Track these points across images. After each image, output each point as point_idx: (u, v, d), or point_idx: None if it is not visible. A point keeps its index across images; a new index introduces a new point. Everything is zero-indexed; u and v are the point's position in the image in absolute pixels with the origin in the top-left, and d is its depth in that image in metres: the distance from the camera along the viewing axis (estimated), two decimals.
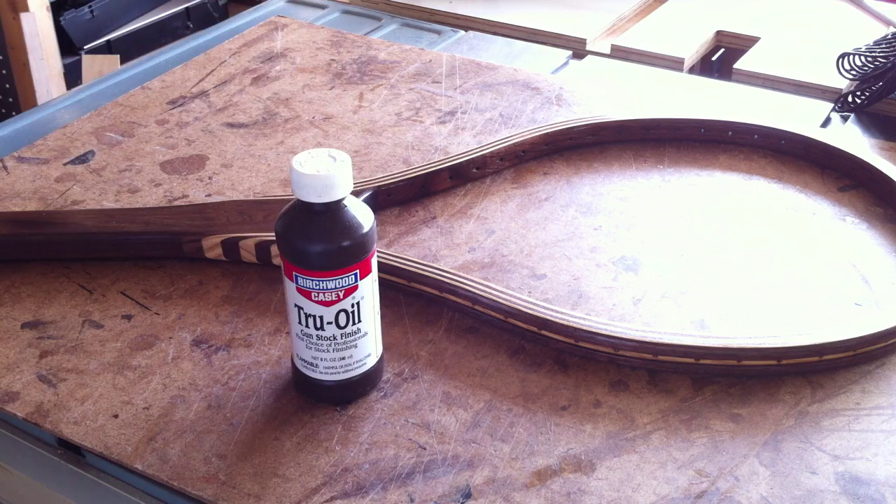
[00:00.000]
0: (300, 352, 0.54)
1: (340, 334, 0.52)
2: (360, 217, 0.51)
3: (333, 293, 0.51)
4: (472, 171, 0.76)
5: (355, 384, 0.55)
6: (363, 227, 0.50)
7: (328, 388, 0.54)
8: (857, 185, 0.76)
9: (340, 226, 0.50)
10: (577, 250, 0.69)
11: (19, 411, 0.56)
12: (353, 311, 0.52)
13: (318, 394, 0.55)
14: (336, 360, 0.53)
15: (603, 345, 0.58)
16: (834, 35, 1.01)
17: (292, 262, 0.51)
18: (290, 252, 0.51)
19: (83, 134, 0.83)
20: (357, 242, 0.50)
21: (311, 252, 0.50)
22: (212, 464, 0.52)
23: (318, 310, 0.51)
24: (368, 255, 0.51)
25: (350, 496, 0.50)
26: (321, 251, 0.50)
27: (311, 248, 0.50)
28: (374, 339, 0.54)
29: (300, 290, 0.51)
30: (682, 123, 0.81)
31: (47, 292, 0.65)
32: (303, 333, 0.53)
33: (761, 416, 0.55)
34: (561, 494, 0.50)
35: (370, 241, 0.51)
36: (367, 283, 0.52)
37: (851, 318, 0.62)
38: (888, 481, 0.51)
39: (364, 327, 0.53)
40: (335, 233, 0.50)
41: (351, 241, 0.50)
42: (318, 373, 0.54)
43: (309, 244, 0.50)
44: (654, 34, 1.02)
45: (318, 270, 0.50)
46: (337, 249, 0.50)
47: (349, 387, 0.55)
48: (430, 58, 0.96)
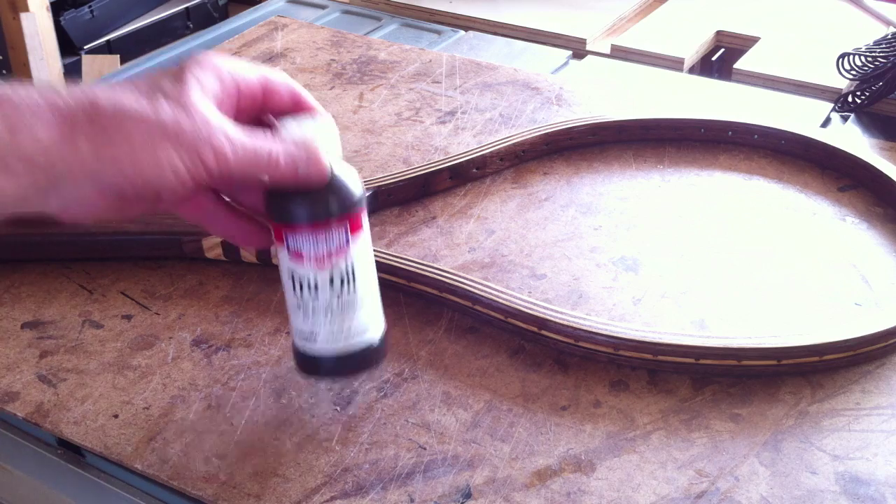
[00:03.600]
0: (298, 325, 0.52)
1: (337, 300, 0.51)
2: (346, 174, 0.50)
3: (325, 252, 0.50)
4: (472, 171, 0.76)
5: (357, 358, 0.53)
6: (349, 182, 0.50)
7: (329, 361, 0.52)
8: (857, 185, 0.76)
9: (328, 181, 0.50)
10: (577, 250, 0.69)
11: (19, 411, 0.56)
12: (349, 273, 0.51)
13: (320, 369, 0.53)
14: (335, 328, 0.51)
15: (603, 345, 0.58)
16: (834, 35, 1.01)
17: (280, 218, 0.50)
18: (277, 208, 0.50)
19: None
20: (343, 195, 0.50)
21: (299, 205, 0.49)
22: (212, 464, 0.52)
23: (311, 272, 0.50)
24: (357, 211, 0.51)
25: (350, 496, 0.50)
26: (308, 202, 0.49)
27: (298, 201, 0.49)
28: (374, 311, 0.53)
29: (292, 252, 0.50)
30: (682, 123, 0.81)
31: (47, 292, 0.65)
32: (299, 303, 0.51)
33: (761, 416, 0.55)
34: (561, 494, 0.50)
35: (357, 196, 0.51)
36: (359, 245, 0.51)
37: (851, 318, 0.62)
38: (888, 481, 0.51)
39: (361, 294, 0.52)
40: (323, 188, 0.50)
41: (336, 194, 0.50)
42: (318, 345, 0.52)
43: (296, 198, 0.50)
44: (654, 34, 1.02)
45: (307, 223, 0.50)
46: (323, 201, 0.49)
47: (351, 359, 0.52)
48: (430, 58, 0.96)
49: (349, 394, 0.57)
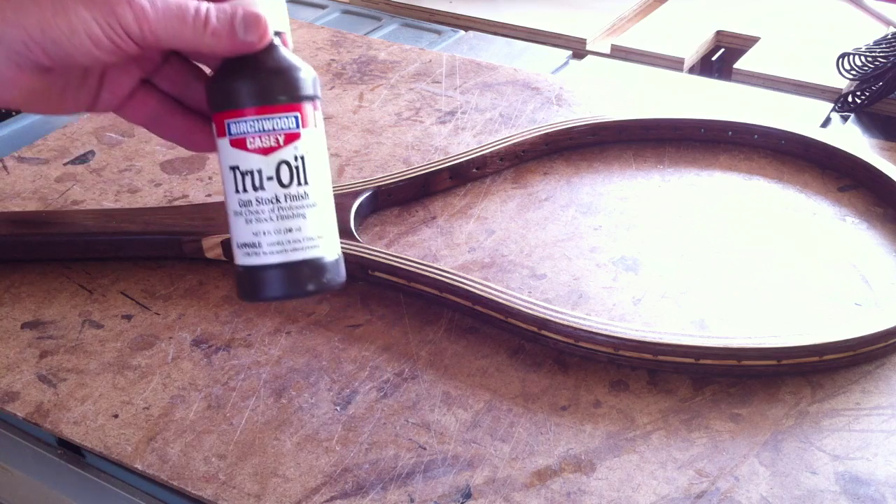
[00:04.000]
0: (240, 236, 0.47)
1: (284, 195, 0.46)
2: (297, 60, 0.46)
3: (271, 137, 0.45)
4: (472, 171, 0.76)
5: (306, 270, 0.46)
6: (300, 68, 0.46)
7: (275, 272, 0.46)
8: (857, 185, 0.76)
9: (273, 60, 0.46)
10: (577, 250, 0.69)
11: (19, 411, 0.56)
12: (298, 166, 0.46)
13: (266, 285, 0.46)
14: (282, 231, 0.46)
15: (603, 345, 0.58)
16: (834, 35, 1.01)
17: (222, 106, 0.45)
18: (219, 93, 0.46)
19: (83, 134, 0.83)
20: (291, 76, 0.45)
21: (241, 85, 0.45)
22: (212, 464, 0.52)
23: (255, 162, 0.45)
24: (309, 103, 0.46)
25: (350, 496, 0.50)
26: (252, 81, 0.45)
27: (240, 80, 0.45)
28: (327, 220, 0.47)
29: (234, 141, 0.45)
30: (682, 123, 0.81)
31: (47, 292, 0.65)
32: (241, 204, 0.46)
33: (761, 416, 0.55)
34: (561, 494, 0.50)
35: (309, 85, 0.46)
36: (311, 137, 0.46)
37: (851, 318, 0.62)
38: (888, 481, 0.51)
39: (313, 195, 0.46)
40: (267, 65, 0.45)
41: (284, 74, 0.45)
42: (262, 254, 0.46)
43: (238, 77, 0.45)
44: (654, 34, 1.02)
45: (251, 107, 0.45)
46: (270, 78, 0.45)
47: (299, 270, 0.46)
48: (430, 58, 0.96)
49: (349, 394, 0.57)
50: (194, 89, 0.49)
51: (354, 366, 0.59)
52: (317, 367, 0.59)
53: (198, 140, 0.50)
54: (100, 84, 0.47)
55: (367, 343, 0.61)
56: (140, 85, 0.49)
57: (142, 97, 0.48)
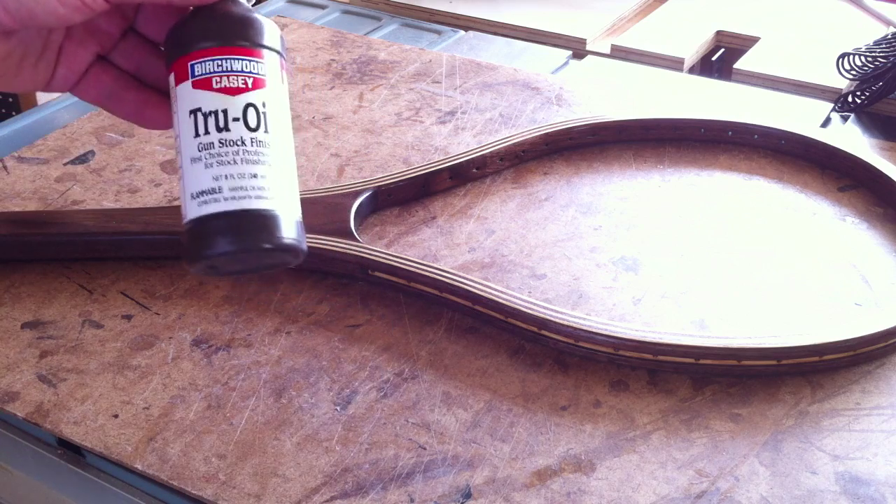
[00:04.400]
0: (197, 183, 0.43)
1: (250, 139, 0.43)
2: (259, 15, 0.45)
3: (240, 77, 0.43)
4: (472, 171, 0.76)
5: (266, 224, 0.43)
6: (263, 20, 0.45)
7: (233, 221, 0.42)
8: (857, 185, 0.76)
9: (240, 10, 0.45)
10: (577, 250, 0.69)
11: (19, 411, 0.56)
12: (265, 112, 0.44)
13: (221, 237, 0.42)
14: (245, 176, 0.42)
15: (603, 345, 0.58)
16: (834, 35, 1.01)
17: (187, 47, 0.43)
18: (184, 36, 0.44)
19: (83, 134, 0.84)
20: (259, 24, 0.44)
21: (209, 24, 0.43)
22: (212, 464, 0.52)
23: (221, 102, 0.43)
24: (276, 54, 0.45)
25: (350, 496, 0.50)
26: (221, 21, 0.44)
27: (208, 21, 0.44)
28: (291, 183, 0.45)
29: (197, 82, 0.43)
30: (682, 123, 0.81)
31: (47, 292, 0.65)
32: (201, 148, 0.43)
33: (761, 416, 0.55)
34: (561, 494, 0.50)
35: (275, 37, 0.45)
36: (277, 89, 0.44)
37: (851, 318, 0.62)
38: (888, 481, 0.51)
39: (277, 147, 0.44)
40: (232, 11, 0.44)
41: (252, 21, 0.44)
42: (222, 199, 0.42)
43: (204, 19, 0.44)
44: (654, 34, 1.02)
45: (218, 46, 0.43)
46: (239, 21, 0.44)
47: (259, 221, 0.43)
48: (430, 58, 0.96)
49: (349, 394, 0.57)
50: (151, 65, 0.49)
51: (354, 366, 0.59)
52: (317, 367, 0.59)
53: (152, 116, 0.49)
54: (57, 59, 0.47)
55: (367, 343, 0.61)
56: (96, 62, 0.49)
57: (97, 74, 0.48)
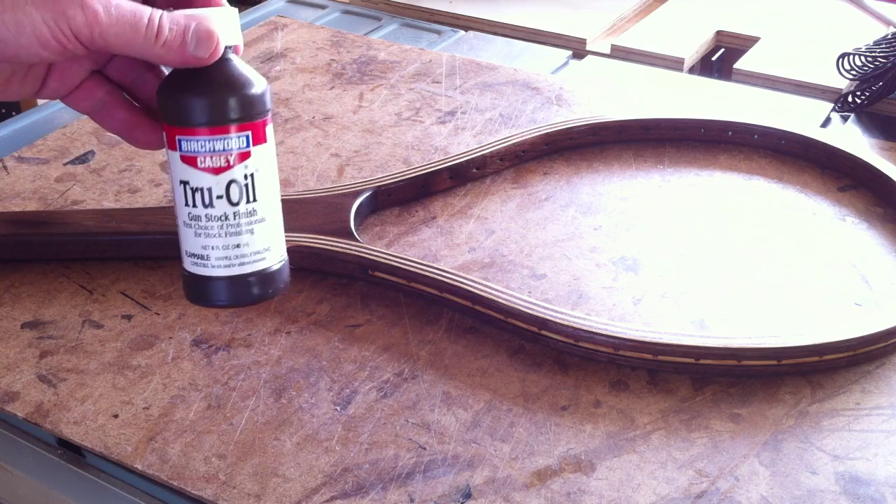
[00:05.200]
0: (189, 245, 0.48)
1: (233, 213, 0.46)
2: (249, 74, 0.46)
3: (222, 157, 0.46)
4: (472, 171, 0.76)
5: (252, 282, 0.48)
6: (252, 84, 0.46)
7: (222, 287, 0.48)
8: (857, 185, 0.76)
9: (225, 77, 0.46)
10: (577, 250, 0.69)
11: (19, 411, 0.56)
12: (247, 184, 0.46)
13: (212, 295, 0.48)
14: (230, 247, 0.47)
15: (603, 345, 0.58)
16: (834, 35, 1.01)
17: (173, 121, 0.46)
18: (171, 107, 0.46)
19: (83, 134, 0.84)
20: (244, 95, 0.46)
21: (193, 103, 0.45)
22: (212, 464, 0.52)
23: (205, 180, 0.46)
24: (261, 120, 0.47)
25: (350, 496, 0.50)
26: (204, 99, 0.45)
27: (192, 98, 0.45)
28: (274, 230, 0.49)
29: (184, 157, 0.46)
30: (682, 123, 0.81)
31: (47, 292, 0.65)
32: (190, 217, 0.47)
33: (761, 416, 0.55)
34: (561, 494, 0.50)
35: (261, 102, 0.46)
36: (261, 153, 0.47)
37: (851, 318, 0.62)
38: (888, 481, 0.51)
39: (261, 210, 0.47)
40: (219, 83, 0.46)
41: (237, 93, 0.46)
42: (210, 266, 0.47)
43: (190, 94, 0.45)
44: (654, 34, 1.02)
45: (203, 126, 0.45)
46: (221, 99, 0.45)
47: (245, 284, 0.48)
48: (430, 58, 0.96)
49: (349, 394, 0.57)
50: (145, 81, 0.49)
51: (354, 366, 0.59)
52: (317, 367, 0.59)
53: (141, 137, 0.49)
54: (47, 74, 0.47)
55: (367, 343, 0.61)
56: (90, 74, 0.48)
57: (90, 87, 0.48)
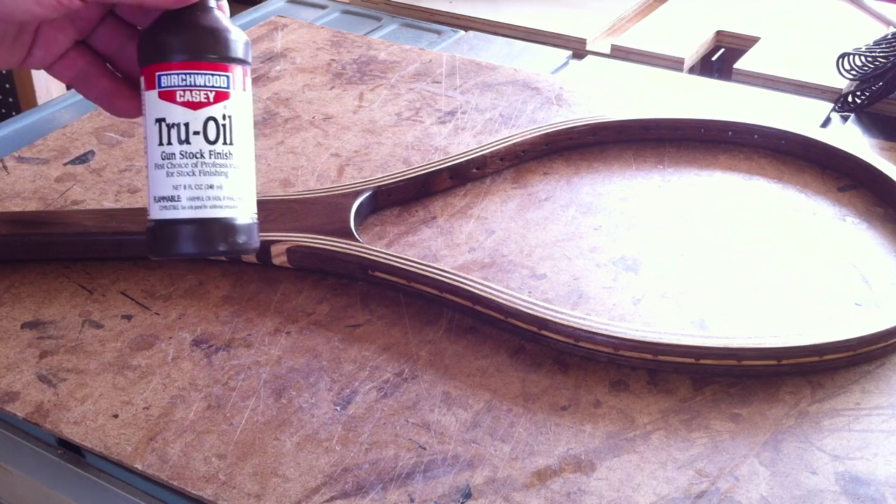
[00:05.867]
0: (158, 189, 0.47)
1: (209, 151, 0.47)
2: (230, 25, 0.48)
3: (202, 92, 0.46)
4: (472, 171, 0.76)
5: (221, 229, 0.47)
6: (233, 31, 0.47)
7: (190, 229, 0.47)
8: (857, 185, 0.76)
9: (207, 21, 0.47)
10: (577, 250, 0.69)
11: (19, 411, 0.56)
12: (225, 125, 0.47)
13: (179, 240, 0.47)
14: (202, 187, 0.47)
15: (603, 345, 0.58)
16: (834, 35, 1.01)
17: (153, 57, 0.46)
18: (151, 45, 0.47)
19: (83, 134, 0.84)
20: (225, 37, 0.47)
21: (175, 38, 0.46)
22: (212, 464, 0.52)
23: (183, 115, 0.46)
24: (241, 67, 0.48)
25: (350, 496, 0.50)
26: (186, 35, 0.46)
27: (174, 34, 0.46)
28: (247, 183, 0.49)
29: (163, 93, 0.46)
30: (682, 123, 0.81)
31: (47, 292, 0.65)
32: (164, 156, 0.47)
33: (761, 416, 0.55)
34: (561, 494, 0.50)
35: (242, 49, 0.48)
36: (240, 100, 0.48)
37: (851, 318, 0.62)
38: (888, 481, 0.51)
39: (236, 155, 0.47)
40: (201, 24, 0.47)
41: (218, 34, 0.47)
42: (180, 208, 0.47)
43: (173, 32, 0.46)
44: (654, 34, 1.02)
45: (184, 60, 0.46)
46: (203, 35, 0.46)
47: (213, 228, 0.47)
48: (430, 58, 0.96)
49: (349, 394, 0.57)
50: (127, 51, 0.50)
51: (354, 366, 0.59)
52: (317, 367, 0.59)
53: (121, 105, 0.51)
54: (33, 41, 0.48)
55: (367, 343, 0.61)
56: (74, 44, 0.50)
57: (73, 56, 0.50)
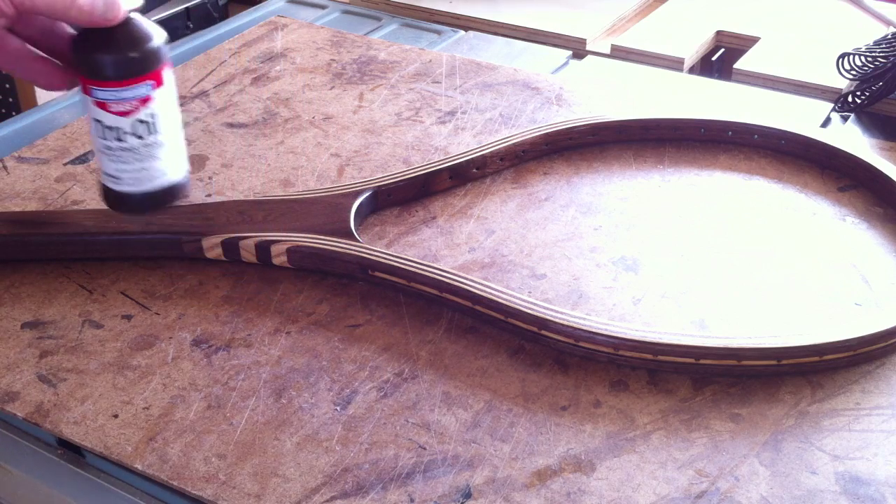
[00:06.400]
0: (106, 168, 0.58)
1: (140, 145, 0.56)
2: (149, 29, 0.55)
3: (129, 103, 0.55)
4: (472, 171, 0.76)
5: (159, 195, 0.59)
6: (151, 38, 0.54)
7: (133, 200, 0.59)
8: (857, 185, 0.76)
9: (129, 36, 0.54)
10: (577, 250, 0.69)
11: (19, 411, 0.56)
12: (151, 122, 0.56)
13: (125, 206, 0.59)
14: (139, 170, 0.57)
15: (603, 345, 0.58)
16: (834, 35, 1.01)
17: (87, 74, 0.54)
18: (84, 62, 0.54)
19: (83, 134, 0.83)
20: (145, 50, 0.54)
21: (103, 60, 0.54)
22: (212, 464, 0.52)
23: (115, 121, 0.55)
24: (160, 67, 0.55)
25: (350, 496, 0.50)
26: (113, 56, 0.54)
27: (102, 56, 0.53)
28: (175, 152, 0.58)
29: (97, 103, 0.55)
30: (682, 123, 0.81)
31: (47, 292, 0.65)
32: (106, 148, 0.56)
33: (761, 416, 0.55)
34: (561, 494, 0.50)
35: (160, 53, 0.55)
36: (162, 94, 0.56)
37: (851, 318, 0.62)
38: (888, 481, 0.51)
39: (163, 140, 0.57)
40: (124, 41, 0.54)
41: (139, 50, 0.54)
42: (124, 185, 0.58)
43: (100, 53, 0.53)
44: (654, 34, 1.02)
45: (112, 80, 0.54)
46: (126, 57, 0.54)
47: (153, 197, 0.59)
48: (430, 58, 0.96)
49: (349, 394, 0.57)
50: (54, 36, 0.55)
51: (354, 366, 0.59)
52: (317, 367, 0.59)
53: (55, 83, 0.56)
54: None
55: (367, 343, 0.61)
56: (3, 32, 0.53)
57: (3, 44, 0.54)
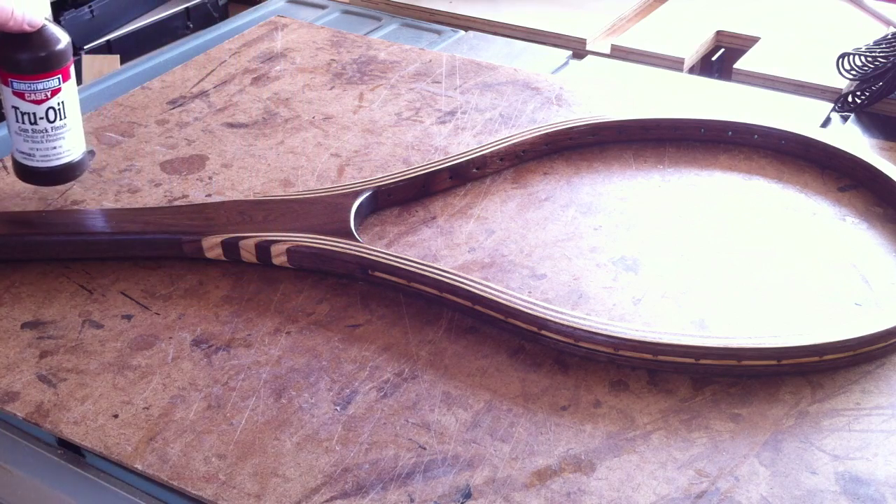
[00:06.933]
0: (19, 146, 0.69)
1: (51, 128, 0.68)
2: (58, 34, 0.66)
3: (42, 93, 0.66)
4: (472, 171, 0.76)
5: (65, 170, 0.70)
6: (60, 41, 0.66)
7: (43, 174, 0.70)
8: (857, 185, 0.76)
9: (43, 39, 0.65)
10: (577, 250, 0.69)
11: (19, 411, 0.56)
12: (59, 109, 0.68)
13: (35, 179, 0.71)
14: (49, 149, 0.69)
15: (603, 345, 0.58)
16: (834, 35, 1.01)
17: (5, 67, 0.66)
18: (4, 59, 0.65)
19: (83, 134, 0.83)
20: (56, 52, 0.66)
21: (20, 58, 0.65)
22: (212, 464, 0.52)
23: (30, 108, 0.67)
24: (67, 64, 0.67)
25: (350, 496, 0.50)
26: (28, 55, 0.65)
27: (20, 54, 0.65)
28: (78, 135, 0.70)
29: (15, 92, 0.66)
30: (682, 123, 0.81)
31: (47, 292, 0.65)
32: (21, 130, 0.68)
33: (761, 416, 0.55)
34: (561, 494, 0.50)
35: (67, 53, 0.67)
36: (68, 87, 0.68)
37: (851, 318, 0.62)
38: (888, 481, 0.51)
39: (69, 124, 0.69)
40: (38, 43, 0.65)
41: (50, 51, 0.66)
42: (35, 161, 0.69)
43: (18, 52, 0.65)
44: (654, 34, 1.02)
45: (27, 75, 0.65)
46: (40, 57, 0.65)
47: (61, 172, 0.70)
48: (430, 58, 0.96)
49: (349, 394, 0.57)
50: None
51: (354, 366, 0.59)
52: (317, 367, 0.59)
53: None
54: None
55: (367, 343, 0.61)
56: None
57: None
